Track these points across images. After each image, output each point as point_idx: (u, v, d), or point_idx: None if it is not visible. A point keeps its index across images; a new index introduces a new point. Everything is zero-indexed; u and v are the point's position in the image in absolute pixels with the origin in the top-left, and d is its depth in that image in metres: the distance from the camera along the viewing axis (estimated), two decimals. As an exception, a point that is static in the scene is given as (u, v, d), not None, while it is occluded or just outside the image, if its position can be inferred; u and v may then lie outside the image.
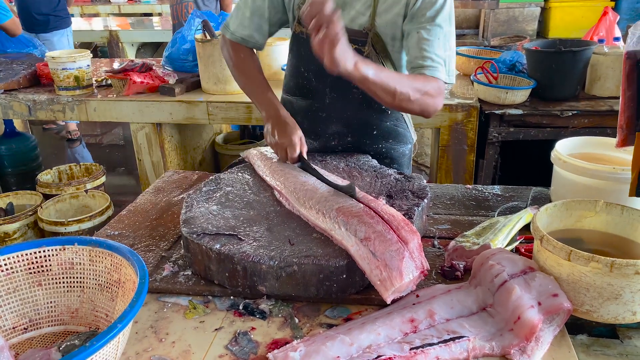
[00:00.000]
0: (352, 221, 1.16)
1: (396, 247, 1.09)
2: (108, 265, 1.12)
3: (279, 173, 1.47)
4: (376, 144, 1.72)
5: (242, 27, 1.65)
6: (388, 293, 1.07)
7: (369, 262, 1.09)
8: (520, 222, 1.38)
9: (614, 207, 1.20)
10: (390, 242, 1.10)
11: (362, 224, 1.14)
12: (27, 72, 3.33)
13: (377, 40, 1.53)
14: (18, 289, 1.12)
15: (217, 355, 1.04)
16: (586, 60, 2.69)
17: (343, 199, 1.26)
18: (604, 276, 1.00)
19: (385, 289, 1.07)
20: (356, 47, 1.52)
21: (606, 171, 1.37)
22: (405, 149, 1.79)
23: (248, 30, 1.65)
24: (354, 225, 1.15)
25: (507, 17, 7.18)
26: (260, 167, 1.56)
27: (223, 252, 1.17)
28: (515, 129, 2.69)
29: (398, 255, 1.07)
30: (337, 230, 1.18)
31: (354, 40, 1.51)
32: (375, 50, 1.54)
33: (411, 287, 1.12)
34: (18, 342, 1.11)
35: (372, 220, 1.15)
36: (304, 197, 1.32)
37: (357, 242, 1.12)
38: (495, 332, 1.03)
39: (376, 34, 1.53)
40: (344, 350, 0.99)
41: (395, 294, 1.09)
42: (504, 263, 1.11)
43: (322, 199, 1.28)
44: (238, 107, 2.94)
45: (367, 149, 1.71)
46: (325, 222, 1.22)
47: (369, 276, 1.10)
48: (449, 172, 2.82)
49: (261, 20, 1.64)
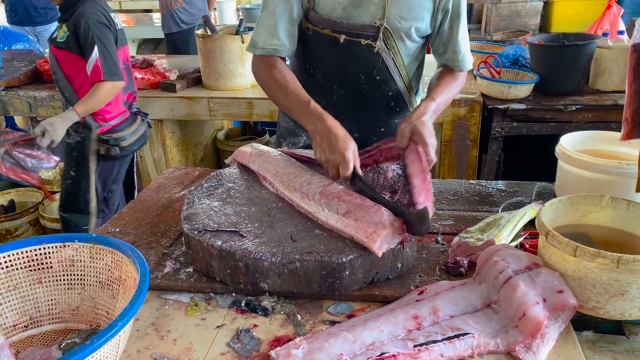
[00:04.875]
0: (333, 201, 1.24)
1: (374, 208, 1.19)
2: (109, 262, 1.11)
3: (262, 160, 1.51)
4: None
5: (272, 37, 1.52)
6: (376, 244, 1.12)
7: (354, 227, 1.18)
8: (525, 218, 1.37)
9: (619, 202, 1.18)
10: (368, 207, 1.19)
11: (342, 202, 1.23)
12: (28, 69, 3.32)
13: (388, 36, 1.52)
14: (18, 287, 1.11)
15: (219, 353, 1.03)
16: (590, 54, 2.67)
17: (324, 181, 1.33)
18: (610, 272, 0.99)
19: (373, 241, 1.12)
20: (368, 43, 1.51)
21: (612, 166, 1.36)
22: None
23: (277, 38, 1.53)
24: (335, 205, 1.24)
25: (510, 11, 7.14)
26: (246, 159, 1.57)
27: (225, 249, 1.16)
28: (518, 124, 2.67)
29: (377, 212, 1.17)
30: (322, 212, 1.26)
31: (364, 36, 1.51)
32: (386, 46, 1.53)
33: (398, 238, 1.16)
34: (19, 340, 1.10)
35: (351, 197, 1.24)
36: (287, 181, 1.38)
37: (340, 218, 1.21)
38: (500, 329, 1.02)
39: (387, 29, 1.51)
40: (347, 347, 0.98)
41: (384, 245, 1.14)
42: (508, 259, 1.09)
43: (305, 182, 1.34)
44: (239, 103, 2.93)
45: None
46: (309, 204, 1.30)
47: (356, 238, 1.16)
48: (452, 167, 2.80)
49: (288, 25, 1.54)
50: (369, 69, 1.56)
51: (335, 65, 1.60)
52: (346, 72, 1.60)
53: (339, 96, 1.65)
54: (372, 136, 1.69)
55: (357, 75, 1.59)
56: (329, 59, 1.60)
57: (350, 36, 1.51)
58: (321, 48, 1.58)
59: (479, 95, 2.73)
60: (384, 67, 1.56)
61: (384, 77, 1.59)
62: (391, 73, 1.58)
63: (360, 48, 1.52)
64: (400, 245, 1.18)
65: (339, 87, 1.64)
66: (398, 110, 1.70)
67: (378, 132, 1.69)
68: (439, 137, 2.79)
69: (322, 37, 1.54)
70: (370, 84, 1.60)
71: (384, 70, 1.57)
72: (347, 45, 1.53)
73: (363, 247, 1.14)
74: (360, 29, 1.51)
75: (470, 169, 2.79)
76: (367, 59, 1.54)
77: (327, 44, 1.55)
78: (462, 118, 2.69)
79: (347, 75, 1.60)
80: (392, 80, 1.60)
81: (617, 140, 1.48)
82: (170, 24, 4.69)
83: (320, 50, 1.59)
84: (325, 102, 1.65)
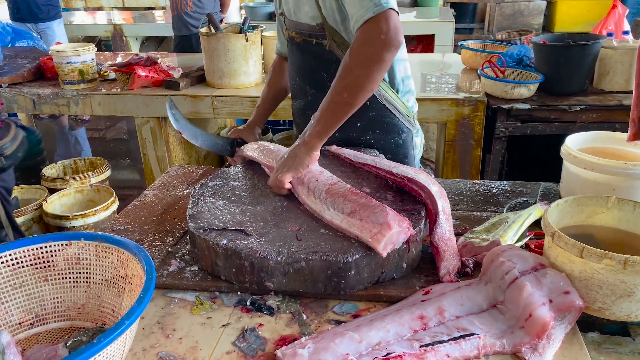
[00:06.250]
0: (338, 200, 1.25)
1: (379, 208, 1.18)
2: (114, 260, 1.11)
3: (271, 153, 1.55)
4: (363, 136, 1.69)
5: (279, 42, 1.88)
6: (381, 244, 1.12)
7: (359, 227, 1.18)
8: (530, 218, 1.37)
9: (626, 204, 1.18)
10: (373, 207, 1.19)
11: (347, 201, 1.24)
12: (32, 66, 3.32)
13: (333, 32, 1.52)
14: (24, 284, 1.11)
15: (225, 352, 1.03)
16: (595, 54, 2.66)
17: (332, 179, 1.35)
18: (617, 273, 0.99)
19: (378, 241, 1.12)
20: (317, 42, 1.56)
21: (618, 166, 1.35)
22: (398, 138, 1.72)
23: (279, 43, 1.87)
24: (341, 204, 1.24)
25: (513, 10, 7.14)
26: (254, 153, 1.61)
27: (230, 248, 1.16)
28: (522, 124, 2.66)
29: (382, 212, 1.16)
30: (327, 211, 1.27)
31: (314, 35, 1.57)
32: (335, 42, 1.53)
33: (403, 238, 1.15)
34: (24, 338, 1.10)
35: (356, 197, 1.25)
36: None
37: (345, 217, 1.22)
38: (506, 330, 1.02)
39: (330, 26, 1.52)
40: (352, 347, 0.98)
41: (389, 245, 1.13)
42: (514, 260, 1.09)
43: (313, 178, 1.36)
44: (243, 101, 2.92)
45: (355, 142, 1.69)
46: (315, 203, 1.31)
47: (361, 238, 1.16)
48: (455, 167, 2.80)
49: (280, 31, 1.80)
50: (327, 66, 1.57)
51: (302, 65, 1.69)
52: (311, 71, 1.67)
53: (312, 96, 1.68)
54: (350, 132, 1.67)
55: (320, 74, 1.62)
56: (297, 61, 1.70)
57: (304, 36, 1.60)
58: (293, 50, 1.70)
59: (483, 94, 2.72)
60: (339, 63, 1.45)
61: None
62: None
63: (314, 47, 1.58)
64: (406, 245, 1.17)
65: (310, 87, 1.69)
66: (369, 105, 1.60)
67: (355, 128, 1.67)
68: (443, 136, 2.79)
69: (291, 40, 1.67)
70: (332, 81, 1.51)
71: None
72: (303, 45, 1.62)
73: (368, 246, 1.14)
74: (309, 29, 1.57)
75: (473, 168, 2.79)
76: (323, 57, 1.57)
77: (294, 46, 1.67)
78: (466, 117, 2.69)
79: (313, 74, 1.66)
80: None
81: (623, 140, 1.48)
82: (180, 26, 4.68)
83: (292, 53, 1.71)
84: (304, 103, 1.75)
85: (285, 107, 2.92)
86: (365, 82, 1.32)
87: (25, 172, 3.75)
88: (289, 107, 2.91)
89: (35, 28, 5.17)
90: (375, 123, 1.68)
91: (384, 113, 1.67)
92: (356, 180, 1.45)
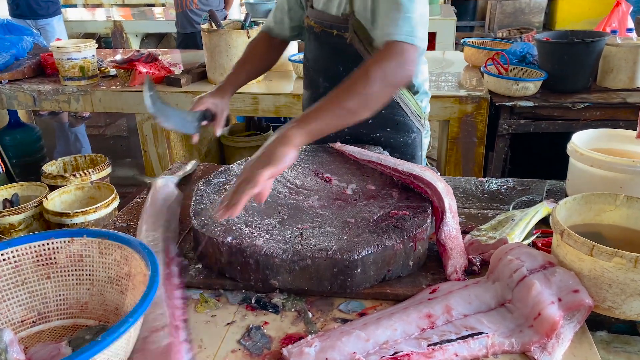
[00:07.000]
0: None
1: None
2: (118, 257, 1.09)
3: None
4: (373, 133, 1.69)
5: (269, 19, 1.82)
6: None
7: None
8: (537, 216, 1.35)
9: (635, 201, 1.17)
10: None
11: None
12: (32, 62, 3.30)
13: (358, 26, 1.51)
14: (26, 282, 1.09)
15: (230, 350, 1.02)
16: (598, 52, 2.65)
17: None
18: (627, 272, 0.97)
19: None
20: (338, 34, 1.54)
21: (625, 164, 1.34)
22: (407, 138, 1.72)
23: (272, 22, 1.80)
24: None
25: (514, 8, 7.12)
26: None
27: (234, 245, 1.15)
28: (525, 122, 2.65)
29: None
30: None
31: (336, 27, 1.55)
32: (358, 37, 1.51)
33: None
34: (27, 336, 1.09)
35: None
36: None
37: None
38: (515, 329, 1.01)
39: (356, 19, 1.50)
40: (359, 346, 0.96)
41: None
42: (523, 258, 1.08)
43: None
44: (244, 98, 2.91)
45: (364, 139, 1.68)
46: None
47: None
48: (458, 164, 2.78)
49: (282, 14, 1.76)
50: (345, 59, 1.55)
51: (318, 57, 1.68)
52: (327, 64, 1.65)
53: (323, 88, 1.66)
54: (361, 128, 1.65)
55: (337, 67, 1.60)
56: (314, 52, 1.69)
57: (325, 27, 1.58)
58: (310, 41, 1.68)
59: (486, 92, 2.71)
60: (358, 57, 1.51)
61: None
62: None
63: (334, 39, 1.56)
64: (413, 243, 1.16)
65: (323, 80, 1.68)
66: None
67: (365, 124, 1.64)
68: (446, 133, 2.78)
69: (310, 30, 1.65)
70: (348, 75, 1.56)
71: (359, 61, 1.48)
72: (324, 36, 1.59)
73: (375, 244, 1.12)
74: (331, 20, 1.56)
75: (476, 166, 2.77)
76: (342, 50, 1.56)
77: (313, 36, 1.65)
78: (469, 115, 2.67)
79: (329, 67, 1.64)
80: None
81: (630, 138, 1.47)
82: (185, 23, 4.65)
83: (309, 43, 1.70)
84: (314, 96, 1.71)
85: (287, 105, 2.92)
86: (381, 101, 1.27)
87: (25, 169, 3.74)
88: (290, 105, 2.92)
89: (35, 24, 5.15)
90: (387, 120, 1.68)
91: (396, 111, 1.67)
92: (361, 178, 1.43)
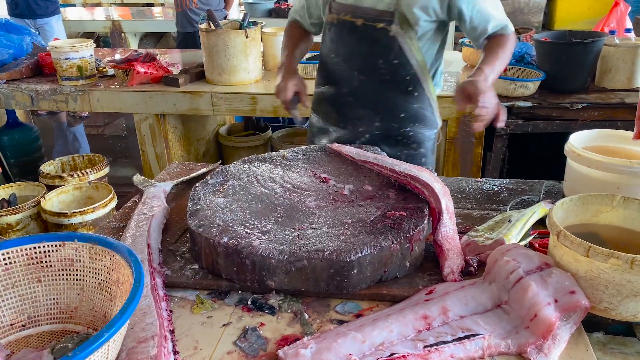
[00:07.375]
0: None
1: None
2: (107, 264, 1.06)
3: None
4: (403, 128, 1.74)
5: (294, 12, 1.91)
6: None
7: None
8: (534, 217, 1.35)
9: (631, 202, 1.17)
10: None
11: None
12: (30, 62, 3.29)
13: (403, 20, 1.57)
14: (17, 285, 1.07)
15: (226, 352, 1.01)
16: (597, 52, 2.65)
17: None
18: (623, 273, 0.97)
19: None
20: (382, 27, 1.58)
21: (622, 165, 1.34)
22: (431, 133, 1.81)
23: (297, 16, 1.91)
24: None
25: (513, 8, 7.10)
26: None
27: (231, 246, 1.15)
28: (524, 122, 2.65)
29: None
30: None
31: (380, 20, 1.59)
32: (402, 29, 1.58)
33: None
34: (15, 340, 1.06)
35: None
36: None
37: None
38: (511, 330, 1.01)
39: (402, 13, 1.57)
40: (356, 347, 0.96)
41: None
42: (519, 259, 1.08)
43: None
44: (243, 98, 2.90)
45: (394, 133, 1.74)
46: None
47: None
48: (456, 165, 2.78)
49: (302, 11, 1.86)
50: (386, 52, 1.62)
51: (355, 50, 1.69)
52: (365, 57, 1.68)
53: (359, 82, 1.71)
54: (392, 122, 1.72)
55: (376, 60, 1.65)
56: (349, 45, 1.70)
57: (368, 20, 1.61)
58: (343, 35, 1.69)
59: (485, 92, 2.70)
60: (400, 50, 1.61)
61: (401, 61, 1.63)
62: (407, 57, 1.62)
63: (377, 32, 1.60)
64: (409, 244, 1.16)
65: (359, 73, 1.70)
66: (416, 95, 1.71)
67: (398, 119, 1.72)
68: (444, 134, 2.77)
69: (344, 24, 1.66)
70: (388, 68, 1.65)
71: (400, 54, 1.62)
72: (364, 29, 1.62)
73: (371, 245, 1.12)
74: (376, 14, 1.59)
75: (474, 166, 2.77)
76: (384, 43, 1.61)
77: (347, 30, 1.66)
78: (467, 115, 2.67)
79: (366, 60, 1.68)
80: (408, 64, 1.64)
81: (627, 138, 1.47)
82: (185, 23, 4.64)
83: (342, 37, 1.70)
84: (347, 89, 1.76)
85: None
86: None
87: (23, 168, 3.73)
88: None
89: (34, 24, 5.14)
90: (418, 115, 1.73)
91: (426, 106, 1.73)
92: (358, 178, 1.43)
